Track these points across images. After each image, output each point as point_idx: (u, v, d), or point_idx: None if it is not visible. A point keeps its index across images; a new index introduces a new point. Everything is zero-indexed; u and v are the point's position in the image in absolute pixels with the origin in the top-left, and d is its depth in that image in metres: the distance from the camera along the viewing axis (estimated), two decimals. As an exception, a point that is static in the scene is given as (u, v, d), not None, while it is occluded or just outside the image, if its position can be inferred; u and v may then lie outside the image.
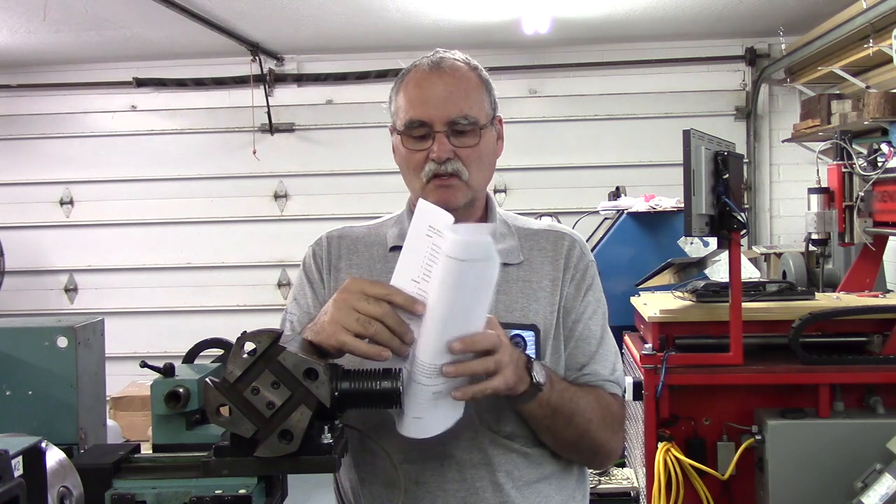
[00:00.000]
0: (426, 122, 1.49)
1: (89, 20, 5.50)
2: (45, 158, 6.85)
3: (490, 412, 1.47)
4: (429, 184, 1.50)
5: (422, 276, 1.23)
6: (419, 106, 1.50)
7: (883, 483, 2.37)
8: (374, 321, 1.23)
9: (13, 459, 1.13)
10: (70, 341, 1.87)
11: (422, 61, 1.55)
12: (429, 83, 1.51)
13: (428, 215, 1.23)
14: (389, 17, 5.60)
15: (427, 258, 1.22)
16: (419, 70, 1.54)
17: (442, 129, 1.48)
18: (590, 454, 1.57)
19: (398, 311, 1.25)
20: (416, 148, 1.51)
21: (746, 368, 2.88)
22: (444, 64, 1.53)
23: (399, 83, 1.56)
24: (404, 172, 1.56)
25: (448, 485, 1.46)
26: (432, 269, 1.22)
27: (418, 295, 1.23)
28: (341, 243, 1.63)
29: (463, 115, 1.49)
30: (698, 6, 5.54)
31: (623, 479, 3.27)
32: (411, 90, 1.52)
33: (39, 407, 1.85)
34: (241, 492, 1.31)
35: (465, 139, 1.50)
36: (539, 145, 6.44)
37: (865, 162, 3.49)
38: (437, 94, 1.50)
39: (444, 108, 1.49)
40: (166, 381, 1.56)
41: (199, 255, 6.82)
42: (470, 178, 1.51)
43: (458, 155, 1.49)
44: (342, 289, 1.28)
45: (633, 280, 3.51)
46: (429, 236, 1.21)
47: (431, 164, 1.49)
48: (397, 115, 1.54)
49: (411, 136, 1.51)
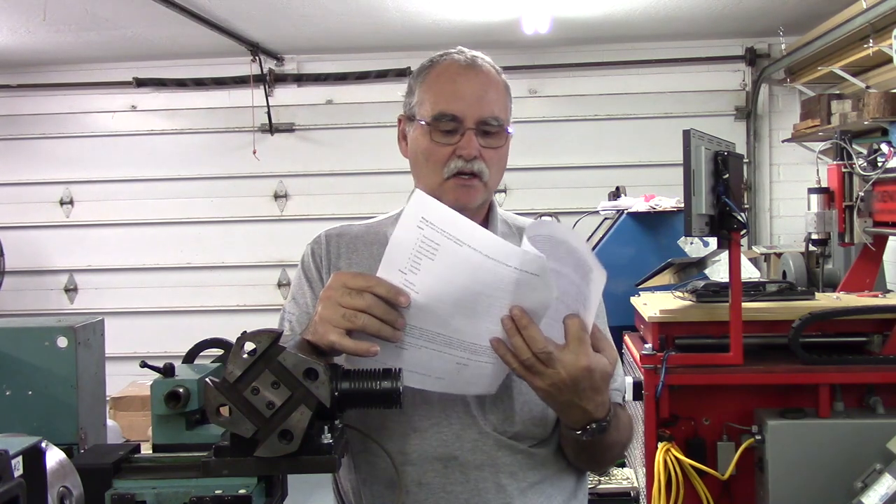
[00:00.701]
0: (458, 118, 1.47)
1: (89, 20, 5.50)
2: (45, 158, 6.85)
3: (496, 413, 1.47)
4: (448, 180, 1.48)
5: (409, 268, 1.22)
6: (453, 100, 1.47)
7: (883, 483, 2.37)
8: (360, 314, 1.22)
9: (13, 459, 1.13)
10: (70, 341, 1.87)
11: (453, 56, 1.53)
12: (465, 79, 1.49)
13: (423, 207, 1.22)
14: (389, 17, 5.60)
15: (416, 250, 1.21)
16: (454, 65, 1.51)
17: (472, 127, 1.47)
18: (600, 465, 1.61)
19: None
20: (443, 142, 1.48)
21: (746, 368, 2.88)
22: (478, 62, 1.52)
23: (424, 73, 1.53)
24: (420, 164, 1.52)
25: (451, 486, 1.45)
26: (421, 261, 1.21)
27: (404, 285, 1.23)
28: (340, 242, 1.61)
29: (494, 115, 1.48)
30: (698, 6, 5.54)
31: (623, 479, 3.27)
32: (445, 83, 1.50)
33: (39, 407, 1.85)
34: (241, 492, 1.31)
35: (492, 140, 1.49)
36: (539, 145, 6.44)
37: (865, 162, 3.49)
38: (473, 92, 1.48)
39: (477, 106, 1.47)
40: (166, 381, 1.56)
41: (199, 255, 6.82)
42: (489, 180, 1.50)
43: (482, 155, 1.48)
44: (326, 286, 1.27)
45: (633, 280, 3.51)
46: (419, 228, 1.21)
47: (458, 161, 1.47)
48: (421, 105, 1.51)
49: (438, 129, 1.48)
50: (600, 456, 1.52)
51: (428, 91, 1.51)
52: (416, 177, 1.55)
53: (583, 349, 1.26)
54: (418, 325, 1.25)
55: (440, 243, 1.20)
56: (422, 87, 1.52)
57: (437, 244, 1.20)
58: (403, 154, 1.59)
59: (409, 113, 1.55)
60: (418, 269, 1.22)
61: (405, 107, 1.57)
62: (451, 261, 1.21)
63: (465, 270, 1.21)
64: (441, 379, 1.32)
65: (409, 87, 1.57)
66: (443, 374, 1.31)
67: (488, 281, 1.21)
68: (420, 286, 1.23)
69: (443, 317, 1.24)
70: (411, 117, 1.54)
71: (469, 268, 1.21)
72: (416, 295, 1.23)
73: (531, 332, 1.23)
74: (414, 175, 1.56)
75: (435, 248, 1.21)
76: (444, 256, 1.21)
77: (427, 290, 1.23)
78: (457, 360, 1.28)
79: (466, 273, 1.21)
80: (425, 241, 1.21)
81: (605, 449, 1.48)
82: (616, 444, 1.49)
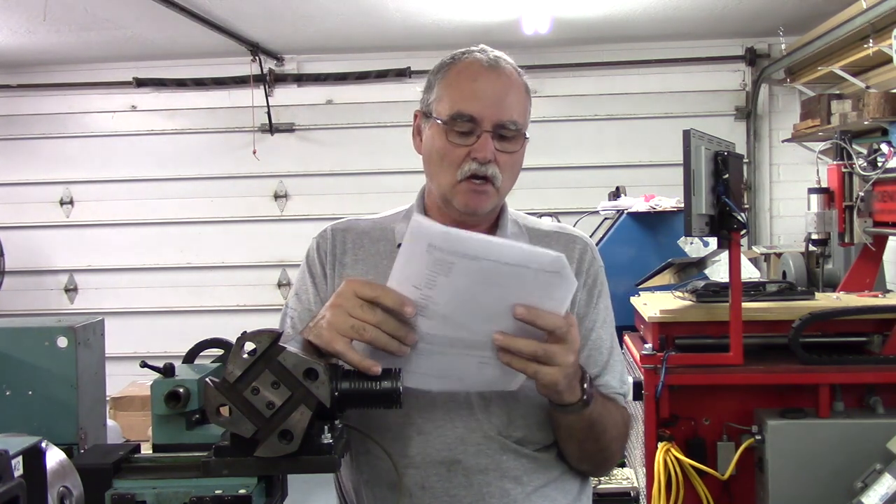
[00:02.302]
0: (475, 119, 1.43)
1: (89, 20, 5.50)
2: (45, 158, 6.84)
3: (500, 417, 1.46)
4: (461, 183, 1.45)
5: (425, 285, 1.21)
6: (472, 100, 1.44)
7: (883, 483, 2.37)
8: (369, 327, 1.21)
9: (13, 459, 1.13)
10: (70, 341, 1.87)
11: (476, 54, 1.49)
12: (486, 80, 1.45)
13: (427, 235, 1.19)
14: (389, 17, 5.60)
15: (429, 270, 1.20)
16: (475, 63, 1.47)
17: (489, 130, 1.43)
18: (599, 466, 1.59)
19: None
20: (458, 143, 1.44)
21: (746, 368, 2.88)
22: (501, 63, 1.49)
23: (445, 70, 1.49)
24: (434, 163, 1.49)
25: (455, 490, 1.44)
26: (437, 278, 1.20)
27: (422, 299, 1.22)
28: (346, 237, 1.58)
29: (512, 119, 1.45)
30: (698, 6, 5.54)
31: (623, 479, 3.27)
32: (465, 82, 1.46)
33: (39, 407, 1.85)
34: (241, 492, 1.31)
35: (508, 145, 1.46)
36: (539, 145, 6.38)
37: (865, 162, 3.49)
38: (493, 94, 1.45)
39: (496, 108, 1.44)
40: (166, 381, 1.56)
41: (200, 255, 6.81)
42: (502, 186, 1.47)
43: (497, 160, 1.45)
44: (337, 293, 1.26)
45: (633, 280, 3.51)
46: (429, 253, 1.19)
47: (473, 164, 1.43)
48: (439, 103, 1.47)
49: (454, 129, 1.44)
50: (595, 445, 1.48)
51: (447, 89, 1.47)
52: (429, 175, 1.53)
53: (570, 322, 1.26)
54: (439, 332, 1.25)
55: (454, 262, 1.19)
56: (441, 85, 1.49)
57: (451, 262, 1.19)
58: (417, 150, 1.55)
59: (425, 109, 1.52)
60: (434, 285, 1.21)
61: (422, 103, 1.53)
62: (467, 274, 1.20)
63: (485, 280, 1.20)
64: (462, 379, 1.32)
65: (428, 82, 1.53)
66: (464, 374, 1.30)
67: (510, 285, 1.20)
68: (438, 298, 1.22)
69: (464, 322, 1.24)
70: (428, 114, 1.51)
71: (488, 277, 1.20)
72: (436, 307, 1.22)
73: (544, 320, 1.22)
74: (427, 173, 1.54)
75: (449, 265, 1.19)
76: (460, 272, 1.19)
77: (446, 301, 1.22)
78: (479, 360, 1.27)
79: (486, 283, 1.20)
80: (437, 262, 1.19)
81: (597, 435, 1.45)
82: (606, 431, 1.46)
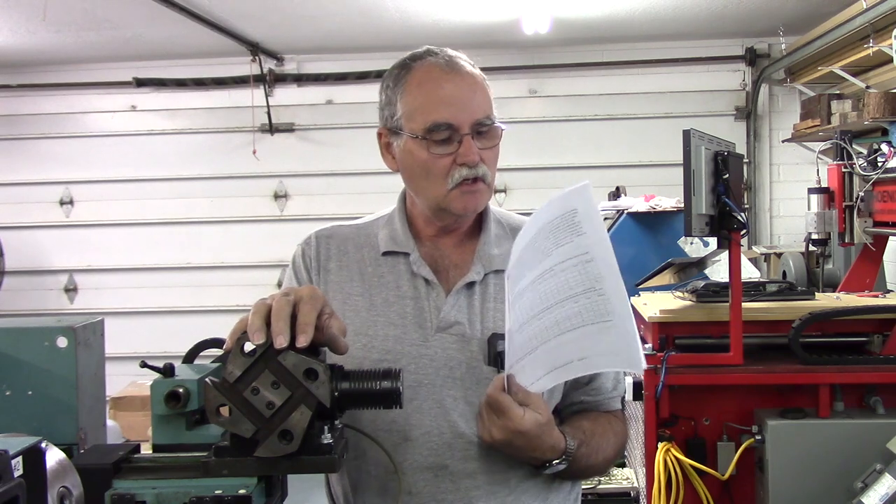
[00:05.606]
0: (452, 125, 1.41)
1: (89, 20, 5.50)
2: (45, 158, 6.85)
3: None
4: (454, 190, 1.43)
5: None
6: (444, 108, 1.41)
7: (883, 483, 2.36)
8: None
9: (13, 459, 1.13)
10: (70, 341, 1.87)
11: (428, 59, 1.45)
12: (451, 83, 1.42)
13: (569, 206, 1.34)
14: (389, 17, 5.60)
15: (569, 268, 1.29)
16: (434, 69, 1.44)
17: (468, 132, 1.41)
18: (594, 476, 1.62)
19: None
20: (441, 152, 1.41)
21: (746, 368, 2.87)
22: (459, 63, 1.46)
23: (403, 82, 1.45)
24: (419, 177, 1.45)
25: (442, 495, 1.44)
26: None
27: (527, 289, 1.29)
28: (330, 243, 1.57)
29: (486, 115, 1.44)
30: (698, 6, 5.54)
31: (623, 479, 3.27)
32: (431, 91, 1.42)
33: (39, 407, 1.85)
34: (241, 492, 1.30)
35: (487, 140, 1.45)
36: (539, 145, 6.43)
37: (865, 162, 3.48)
38: (462, 95, 1.42)
39: (470, 109, 1.42)
40: (166, 381, 1.55)
41: (199, 255, 6.82)
42: (491, 181, 1.47)
43: (482, 157, 1.43)
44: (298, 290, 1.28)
45: (633, 280, 3.50)
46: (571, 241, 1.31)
47: (463, 170, 1.41)
48: (409, 118, 1.43)
49: (434, 139, 1.41)
50: (581, 476, 1.53)
51: (413, 101, 1.43)
52: (416, 191, 1.50)
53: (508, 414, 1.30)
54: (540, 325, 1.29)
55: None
56: (404, 99, 1.44)
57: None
58: (391, 167, 1.52)
59: (392, 126, 1.47)
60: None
61: (384, 120, 1.49)
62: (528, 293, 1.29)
63: (545, 294, 1.27)
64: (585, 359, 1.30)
65: (385, 97, 1.48)
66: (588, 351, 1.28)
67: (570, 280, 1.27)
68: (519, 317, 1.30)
69: (552, 312, 1.27)
70: (396, 130, 1.46)
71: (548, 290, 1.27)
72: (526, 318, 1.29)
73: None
74: (411, 189, 1.51)
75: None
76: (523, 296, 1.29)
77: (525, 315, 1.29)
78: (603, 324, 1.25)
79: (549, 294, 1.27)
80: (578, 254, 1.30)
81: (579, 473, 1.48)
82: (591, 467, 1.49)
